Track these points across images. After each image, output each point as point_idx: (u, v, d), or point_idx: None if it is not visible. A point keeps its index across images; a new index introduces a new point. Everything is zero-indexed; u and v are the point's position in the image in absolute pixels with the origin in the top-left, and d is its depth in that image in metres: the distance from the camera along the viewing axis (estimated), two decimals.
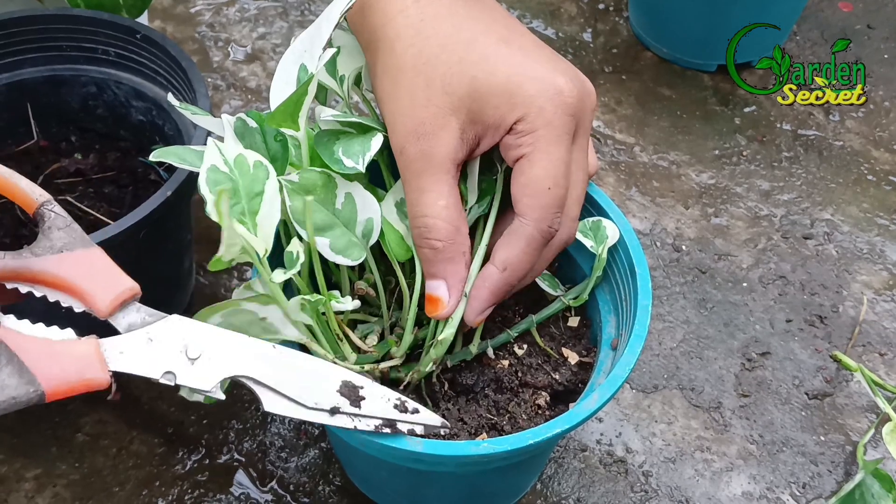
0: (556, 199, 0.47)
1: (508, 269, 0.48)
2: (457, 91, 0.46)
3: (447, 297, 0.48)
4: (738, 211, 0.84)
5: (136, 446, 0.65)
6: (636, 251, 0.54)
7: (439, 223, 0.47)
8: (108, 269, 0.41)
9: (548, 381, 0.54)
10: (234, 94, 0.92)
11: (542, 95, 0.46)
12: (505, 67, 0.47)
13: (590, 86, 0.50)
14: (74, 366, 0.38)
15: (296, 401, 0.42)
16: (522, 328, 0.55)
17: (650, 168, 0.87)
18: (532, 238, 0.47)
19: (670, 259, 0.79)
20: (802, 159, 0.88)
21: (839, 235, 0.82)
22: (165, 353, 0.40)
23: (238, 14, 1.01)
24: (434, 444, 0.45)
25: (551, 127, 0.46)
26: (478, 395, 0.54)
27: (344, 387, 0.43)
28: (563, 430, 0.46)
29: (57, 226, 0.41)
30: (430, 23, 0.48)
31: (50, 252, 0.40)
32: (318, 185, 0.48)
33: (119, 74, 0.69)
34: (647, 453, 0.66)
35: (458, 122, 0.47)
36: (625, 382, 0.48)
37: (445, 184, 0.47)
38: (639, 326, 0.50)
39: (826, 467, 0.66)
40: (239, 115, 0.50)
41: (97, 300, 0.40)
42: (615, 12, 1.03)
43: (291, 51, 0.50)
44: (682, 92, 0.95)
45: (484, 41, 0.48)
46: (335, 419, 0.43)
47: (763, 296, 0.77)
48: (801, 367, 0.72)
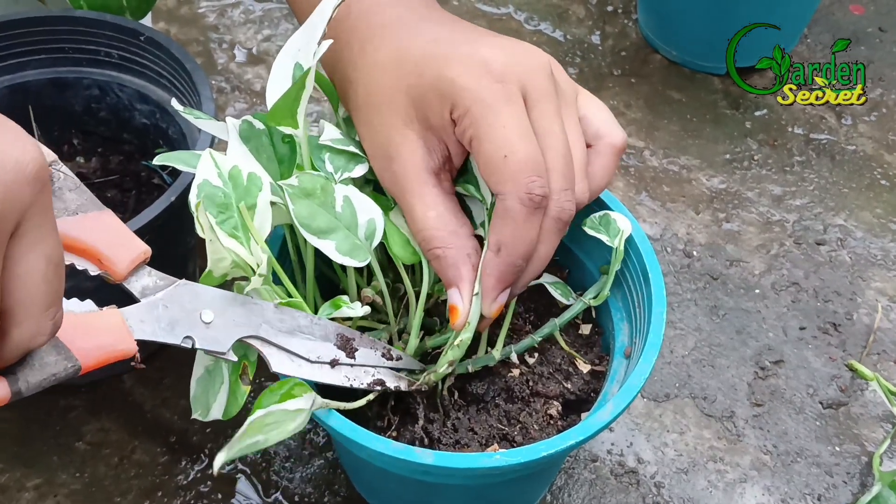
0: (520, 164, 0.44)
1: (502, 249, 0.45)
2: (402, 104, 0.47)
3: (461, 303, 0.47)
4: (750, 216, 0.82)
5: (139, 455, 0.64)
6: (649, 256, 0.52)
7: (434, 233, 0.47)
8: (122, 232, 0.41)
9: (559, 391, 0.53)
10: (239, 97, 0.91)
11: (465, 75, 0.45)
12: (432, 64, 0.46)
13: (530, 49, 0.48)
14: (106, 339, 0.39)
15: (300, 356, 0.45)
16: (546, 332, 0.54)
17: (660, 172, 0.86)
18: (513, 210, 0.44)
19: (681, 265, 0.78)
20: (815, 164, 0.87)
21: (852, 241, 0.81)
22: (182, 318, 0.42)
23: (243, 16, 1.00)
24: (445, 456, 0.44)
25: (480, 100, 0.44)
26: (488, 404, 0.53)
27: (339, 339, 0.47)
28: (578, 442, 0.45)
29: (68, 187, 0.40)
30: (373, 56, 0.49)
31: (66, 214, 0.40)
32: (317, 188, 0.47)
33: (122, 77, 0.68)
34: (658, 464, 0.65)
35: (415, 134, 0.47)
36: (639, 393, 0.47)
37: (429, 195, 0.47)
38: (653, 335, 0.49)
39: (841, 478, 0.65)
40: (245, 117, 0.49)
41: (115, 263, 0.41)
42: (624, 14, 1.02)
43: (286, 51, 0.49)
44: (691, 95, 0.94)
45: (417, 45, 0.48)
46: (335, 371, 0.46)
47: (776, 303, 0.76)
48: (816, 376, 0.71)
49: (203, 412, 0.47)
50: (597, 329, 0.57)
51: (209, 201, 0.45)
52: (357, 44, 0.50)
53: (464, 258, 0.47)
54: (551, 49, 0.96)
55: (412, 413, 0.51)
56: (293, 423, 0.41)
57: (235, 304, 0.43)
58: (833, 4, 1.03)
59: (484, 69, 0.45)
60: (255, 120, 0.49)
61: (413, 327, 0.51)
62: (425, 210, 0.47)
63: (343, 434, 0.44)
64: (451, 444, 0.50)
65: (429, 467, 0.43)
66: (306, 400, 0.43)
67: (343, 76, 0.51)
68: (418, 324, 0.51)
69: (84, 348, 0.37)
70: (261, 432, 0.40)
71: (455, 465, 0.43)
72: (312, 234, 0.46)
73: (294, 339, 0.45)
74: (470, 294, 0.47)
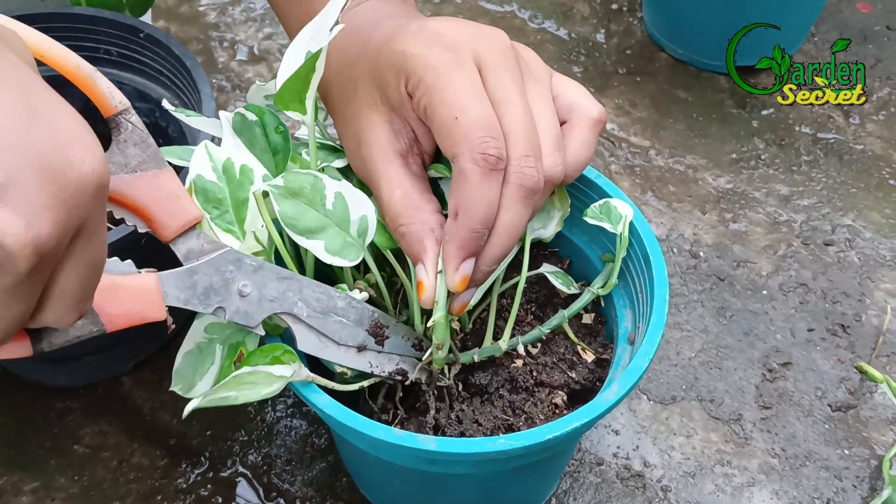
0: (471, 125, 0.43)
1: (460, 212, 0.44)
2: (366, 89, 0.47)
3: (426, 277, 0.45)
4: (757, 216, 0.81)
5: (138, 459, 0.63)
6: (649, 239, 0.52)
7: (399, 210, 0.46)
8: (176, 194, 0.41)
9: (564, 380, 0.53)
10: (240, 95, 0.90)
11: (416, 45, 0.45)
12: (387, 43, 0.46)
13: (488, 27, 0.47)
14: (136, 305, 0.40)
15: (329, 337, 0.46)
16: (554, 324, 0.53)
17: (666, 172, 0.85)
18: (466, 170, 0.43)
19: (688, 266, 0.77)
20: (822, 163, 0.86)
21: (861, 242, 0.79)
22: (219, 288, 0.42)
23: (243, 14, 0.99)
24: (449, 441, 0.43)
25: (433, 65, 0.44)
26: (492, 395, 0.52)
27: (372, 325, 0.47)
28: (583, 424, 0.44)
29: (133, 140, 0.40)
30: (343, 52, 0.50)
31: (124, 171, 0.40)
32: (306, 186, 0.46)
33: (121, 75, 0.68)
34: (665, 467, 0.64)
35: (380, 117, 0.47)
36: (644, 374, 0.46)
37: (395, 174, 0.47)
38: (656, 317, 0.48)
39: (851, 482, 0.64)
40: (237, 110, 0.48)
41: (163, 226, 0.41)
42: (629, 12, 1.01)
43: (299, 39, 0.48)
44: (698, 94, 0.93)
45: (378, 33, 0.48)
46: (361, 356, 0.47)
47: (784, 304, 0.75)
48: (824, 378, 0.70)
49: (185, 388, 0.46)
50: (600, 318, 0.56)
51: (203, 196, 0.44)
52: (333, 49, 0.50)
53: (427, 232, 0.46)
54: (555, 47, 0.95)
55: (416, 406, 0.51)
56: (268, 388, 0.41)
57: (276, 278, 0.44)
58: (841, 2, 1.02)
59: (434, 38, 0.45)
60: (247, 112, 0.48)
61: (415, 317, 0.50)
62: (391, 189, 0.46)
63: (344, 423, 0.43)
64: (456, 436, 0.49)
65: (432, 454, 0.43)
66: (291, 369, 0.43)
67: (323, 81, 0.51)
68: (419, 314, 0.50)
69: (112, 314, 0.39)
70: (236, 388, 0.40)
71: (459, 450, 0.42)
72: (300, 234, 0.45)
73: (328, 319, 0.45)
74: (434, 267, 0.45)
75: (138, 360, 0.68)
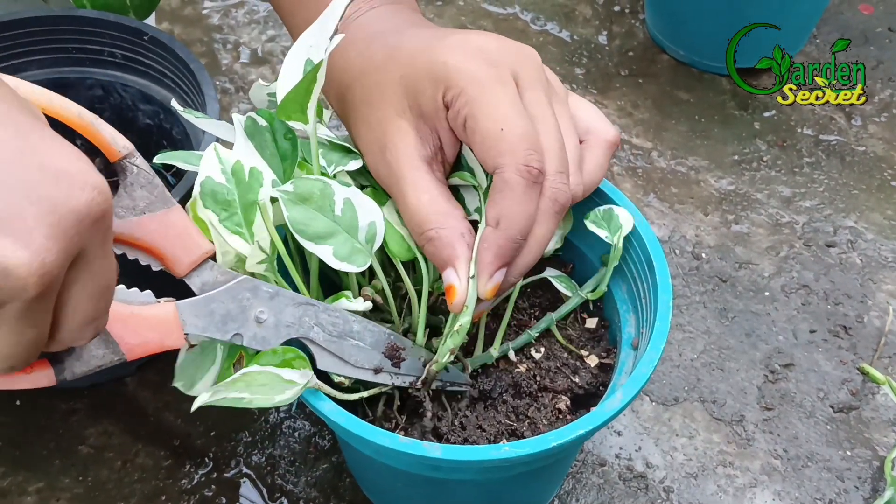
0: (517, 137, 0.44)
1: (501, 222, 0.45)
2: (395, 95, 0.48)
3: (458, 281, 0.46)
4: (759, 218, 0.82)
5: (142, 459, 0.64)
6: (653, 244, 0.52)
7: (427, 216, 0.46)
8: (186, 231, 0.42)
9: (568, 385, 0.53)
10: (244, 98, 0.90)
11: (459, 58, 0.46)
12: (424, 51, 0.47)
13: (520, 43, 0.49)
14: (155, 335, 0.41)
15: (346, 361, 0.46)
16: (542, 327, 0.54)
17: (668, 174, 0.85)
18: (511, 182, 0.44)
19: (690, 267, 0.77)
20: (824, 165, 0.86)
21: (863, 243, 0.80)
22: (236, 315, 0.43)
23: (247, 16, 1.00)
24: (454, 449, 0.43)
25: (477, 78, 0.45)
26: (496, 400, 0.52)
27: (388, 348, 0.48)
28: (588, 431, 0.44)
29: (139, 183, 0.41)
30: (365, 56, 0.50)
31: (133, 213, 0.41)
32: (315, 192, 0.46)
33: (126, 77, 0.68)
34: (667, 468, 0.64)
35: (408, 123, 0.47)
36: (648, 381, 0.46)
37: (421, 180, 0.47)
38: (660, 322, 0.48)
39: (853, 483, 0.64)
40: (249, 114, 0.48)
41: (175, 263, 0.42)
42: (631, 14, 1.01)
43: (298, 45, 0.48)
44: (700, 96, 0.93)
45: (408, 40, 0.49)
46: (378, 377, 0.48)
47: (785, 305, 0.75)
48: (826, 380, 0.70)
49: (186, 385, 0.47)
50: (603, 322, 0.57)
51: (212, 198, 0.44)
52: (353, 51, 0.50)
53: (458, 237, 0.46)
54: (558, 49, 0.95)
55: (419, 413, 0.51)
56: (281, 395, 0.41)
57: (292, 304, 0.45)
58: (842, 4, 1.02)
59: (477, 53, 0.46)
60: (258, 116, 0.48)
61: (419, 325, 0.50)
62: (418, 195, 0.47)
63: (350, 431, 0.43)
64: (459, 442, 0.50)
65: (437, 461, 0.43)
66: (302, 375, 0.43)
67: (339, 83, 0.52)
68: (423, 322, 0.50)
69: (131, 343, 0.40)
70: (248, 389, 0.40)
71: (464, 457, 0.43)
72: (309, 239, 0.46)
73: (344, 343, 0.46)
74: (467, 271, 0.46)
75: (142, 362, 0.68)
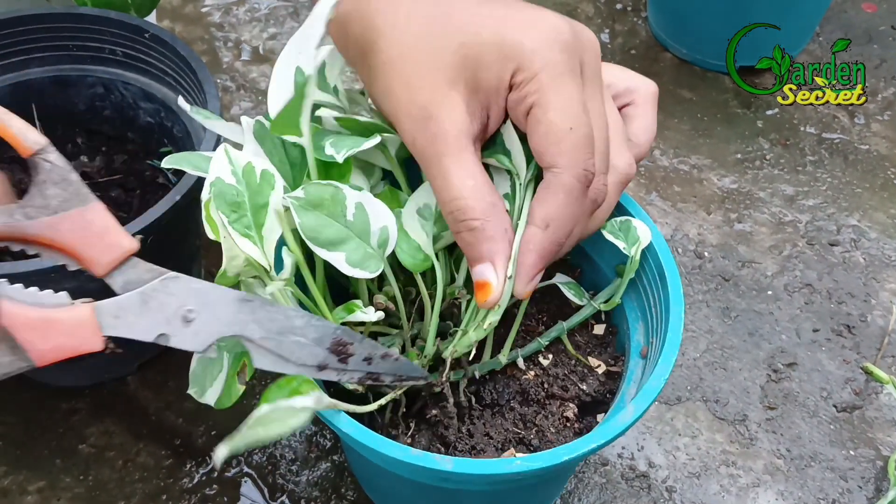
0: (583, 139, 0.42)
1: (551, 225, 0.43)
2: (449, 64, 0.44)
3: (495, 279, 0.44)
4: (762, 217, 0.81)
5: (143, 458, 0.63)
6: (665, 255, 0.51)
7: (472, 202, 0.43)
8: (105, 229, 0.39)
9: (575, 392, 0.52)
10: (244, 96, 0.90)
11: (534, 38, 0.43)
12: (490, 24, 0.43)
13: (585, 29, 0.46)
14: (69, 339, 0.38)
15: (286, 358, 0.42)
16: (552, 336, 0.53)
17: (671, 172, 0.85)
18: (569, 186, 0.43)
19: (693, 266, 0.77)
20: (827, 163, 0.86)
21: (866, 242, 0.79)
22: (161, 314, 0.40)
23: (248, 14, 0.99)
24: (465, 462, 0.42)
25: (552, 65, 0.42)
26: (503, 408, 0.52)
27: (333, 343, 0.43)
28: (599, 446, 0.43)
29: (52, 180, 0.38)
30: (406, 12, 0.45)
31: (45, 213, 0.38)
32: (326, 198, 0.45)
33: (127, 75, 0.68)
34: (670, 468, 0.64)
35: (459, 96, 0.44)
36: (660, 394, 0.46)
37: (468, 161, 0.44)
38: (672, 334, 0.48)
39: (856, 483, 0.64)
40: (257, 118, 0.48)
41: (93, 263, 0.39)
42: (633, 13, 1.01)
43: (285, 54, 0.47)
44: (702, 94, 0.93)
45: (462, 7, 0.45)
46: (322, 374, 0.43)
47: (789, 304, 0.74)
48: (829, 379, 0.70)
49: (199, 391, 0.46)
50: (610, 328, 0.56)
51: (221, 199, 0.44)
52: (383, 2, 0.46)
53: (502, 233, 0.44)
54: None
55: (427, 419, 0.50)
56: (295, 420, 0.40)
57: (226, 300, 0.41)
58: (846, 2, 1.02)
59: (555, 36, 0.43)
60: (266, 120, 0.48)
61: (430, 333, 0.49)
62: (464, 178, 0.43)
63: (359, 440, 0.43)
64: (466, 450, 0.49)
65: (448, 474, 0.42)
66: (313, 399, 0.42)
67: (367, 25, 0.47)
68: (434, 330, 0.49)
69: (42, 349, 0.37)
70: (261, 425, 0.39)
71: (475, 471, 0.42)
72: (321, 246, 0.45)
73: (284, 339, 0.42)
74: (505, 269, 0.44)
75: (143, 361, 0.68)
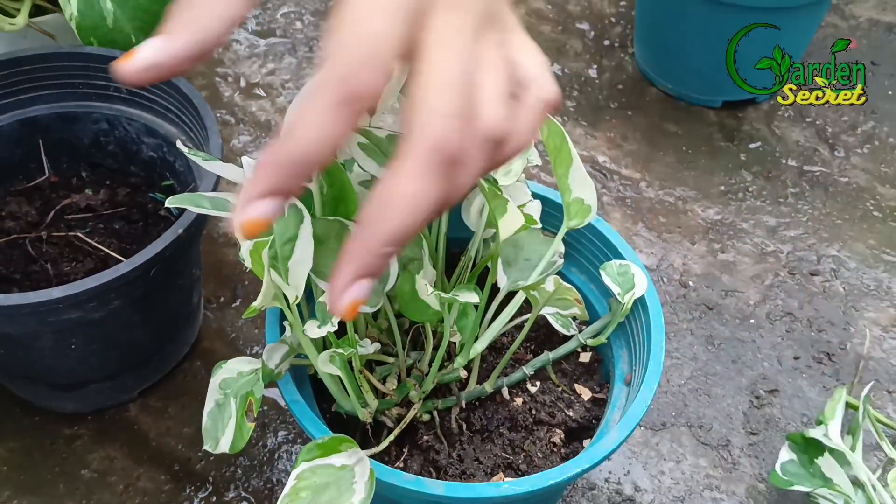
0: None
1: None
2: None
3: None
4: (745, 247, 0.84)
5: (144, 483, 0.65)
6: (648, 288, 0.54)
7: None
8: None
9: (562, 419, 0.55)
10: (244, 130, 0.93)
11: None
12: None
13: None
14: None
15: None
16: (538, 365, 0.55)
17: (656, 203, 0.87)
18: None
19: (677, 295, 0.79)
20: (808, 195, 0.89)
21: (846, 272, 0.82)
22: None
23: (247, 50, 1.02)
24: (455, 486, 0.45)
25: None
26: (492, 433, 0.54)
27: None
28: (584, 470, 0.46)
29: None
30: None
31: None
32: (332, 234, 0.47)
33: (131, 111, 0.70)
34: (655, 492, 0.66)
35: None
36: (642, 420, 0.48)
37: None
38: (653, 363, 0.50)
39: None
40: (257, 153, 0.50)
41: None
42: (620, 49, 1.04)
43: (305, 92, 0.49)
44: (687, 128, 0.96)
45: None
46: None
47: (771, 332, 0.77)
48: (810, 405, 0.72)
49: (213, 444, 0.48)
50: (596, 356, 0.58)
51: None
52: None
53: None
54: None
55: (418, 445, 0.52)
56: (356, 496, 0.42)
57: None
58: (826, 38, 1.05)
59: None
60: None
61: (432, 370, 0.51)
62: None
63: None
64: (457, 475, 0.51)
65: (439, 498, 0.44)
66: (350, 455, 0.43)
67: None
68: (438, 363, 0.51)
69: None
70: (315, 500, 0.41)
71: (465, 495, 0.44)
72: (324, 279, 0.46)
73: None
74: None
75: (144, 388, 0.70)
